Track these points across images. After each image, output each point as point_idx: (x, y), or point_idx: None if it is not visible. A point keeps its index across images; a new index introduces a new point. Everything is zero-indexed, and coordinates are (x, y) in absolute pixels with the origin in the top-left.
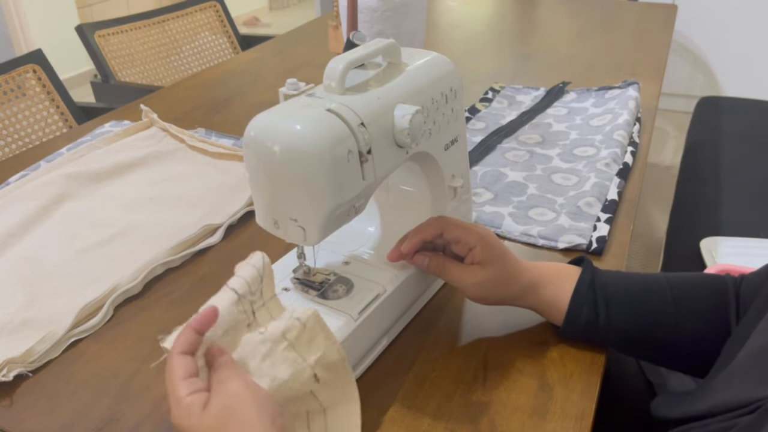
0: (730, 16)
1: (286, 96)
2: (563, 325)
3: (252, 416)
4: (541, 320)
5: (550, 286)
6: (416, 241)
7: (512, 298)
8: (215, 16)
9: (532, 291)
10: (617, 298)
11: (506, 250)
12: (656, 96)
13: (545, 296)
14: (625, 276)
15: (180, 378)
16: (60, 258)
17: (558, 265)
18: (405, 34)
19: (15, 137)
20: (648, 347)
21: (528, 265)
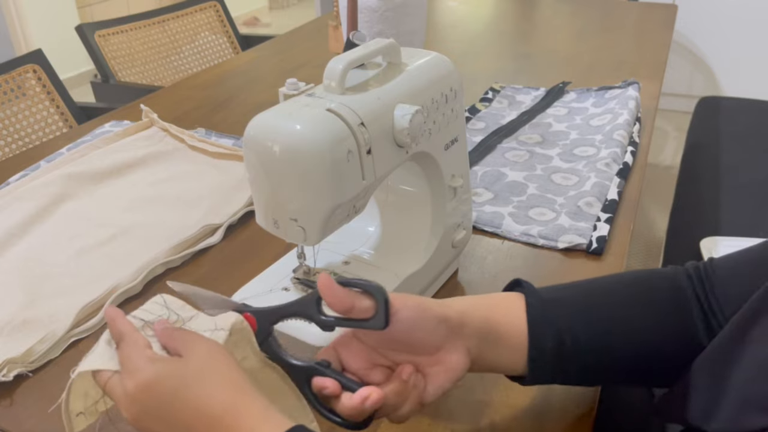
0: (730, 16)
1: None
2: (529, 361)
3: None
4: None
5: (492, 319)
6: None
7: (435, 344)
8: (215, 16)
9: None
10: (575, 313)
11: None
12: (656, 96)
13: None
14: (567, 288)
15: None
16: (60, 258)
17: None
18: (405, 34)
19: (15, 137)
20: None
21: (448, 302)
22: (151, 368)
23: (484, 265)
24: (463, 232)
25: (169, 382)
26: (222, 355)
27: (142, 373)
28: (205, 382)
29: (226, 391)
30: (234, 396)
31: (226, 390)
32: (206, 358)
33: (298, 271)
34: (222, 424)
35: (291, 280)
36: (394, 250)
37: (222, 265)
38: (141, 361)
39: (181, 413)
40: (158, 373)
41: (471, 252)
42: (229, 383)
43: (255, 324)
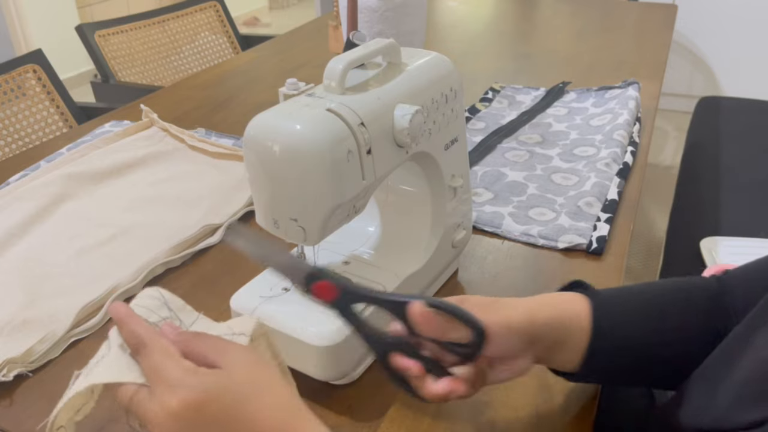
0: (730, 16)
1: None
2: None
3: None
4: None
5: (559, 335)
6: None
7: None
8: (215, 16)
9: (539, 338)
10: (633, 319)
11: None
12: (656, 96)
13: (555, 346)
14: (622, 296)
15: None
16: (60, 258)
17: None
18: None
19: (15, 137)
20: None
21: (511, 313)
22: (199, 383)
23: (484, 265)
24: (463, 232)
25: (224, 398)
26: (263, 365)
27: (189, 389)
28: (258, 397)
29: (281, 410)
30: (290, 414)
31: (281, 407)
32: (251, 370)
33: None
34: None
35: None
36: (394, 250)
37: (222, 265)
38: (182, 373)
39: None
40: (209, 390)
41: (471, 252)
42: (282, 399)
43: (335, 292)
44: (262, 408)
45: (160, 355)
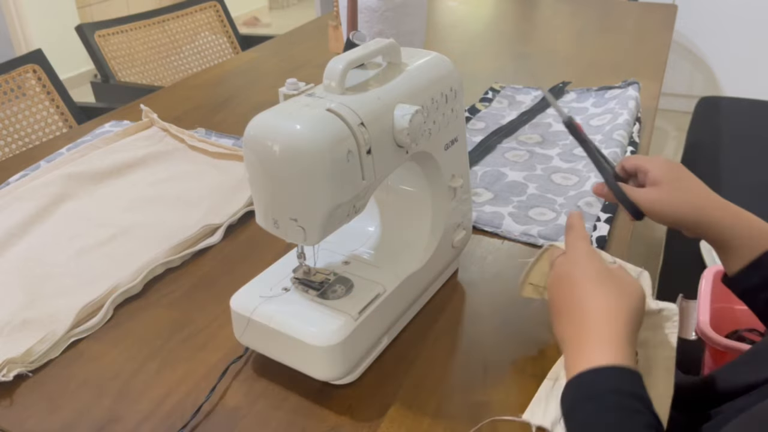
0: (730, 16)
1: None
2: (735, 277)
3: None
4: (541, 321)
5: (738, 230)
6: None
7: (686, 225)
8: (215, 16)
9: (715, 226)
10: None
11: (684, 175)
12: (656, 96)
13: (732, 239)
14: None
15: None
16: (60, 258)
17: (751, 222)
18: (405, 34)
19: (15, 137)
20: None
21: (719, 207)
22: (583, 249)
23: (484, 265)
24: (463, 232)
25: (588, 271)
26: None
27: (575, 251)
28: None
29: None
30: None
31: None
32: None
33: (298, 271)
34: (601, 327)
35: (291, 280)
36: (394, 250)
37: (222, 265)
38: (580, 243)
39: (584, 297)
40: (578, 260)
41: (471, 252)
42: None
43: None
44: (601, 308)
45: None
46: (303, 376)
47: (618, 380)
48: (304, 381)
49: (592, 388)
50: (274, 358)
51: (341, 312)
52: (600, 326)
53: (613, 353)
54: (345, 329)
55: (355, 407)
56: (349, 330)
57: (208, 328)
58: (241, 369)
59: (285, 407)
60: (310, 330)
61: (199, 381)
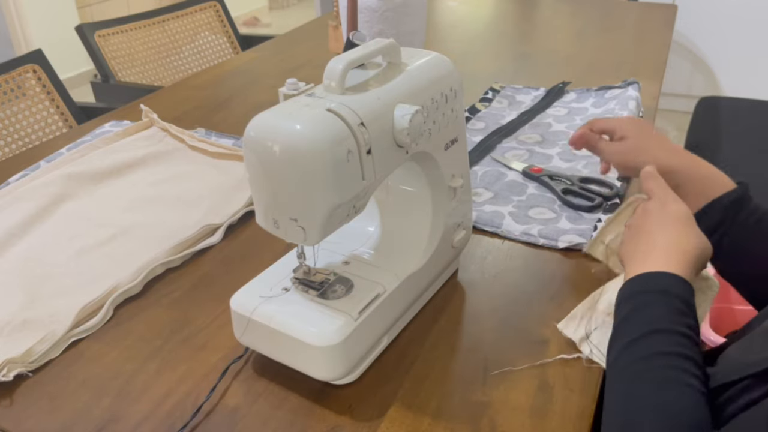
0: (730, 16)
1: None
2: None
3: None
4: (541, 320)
5: (694, 176)
6: (582, 132)
7: (658, 160)
8: (215, 16)
9: (673, 171)
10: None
11: (647, 129)
12: (656, 96)
13: (694, 183)
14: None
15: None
16: (60, 258)
17: (712, 168)
18: (405, 34)
19: (15, 137)
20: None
21: (677, 154)
22: (670, 195)
23: (484, 265)
24: (463, 232)
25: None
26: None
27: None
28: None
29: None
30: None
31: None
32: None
33: (298, 271)
34: (669, 250)
35: (291, 280)
36: (394, 250)
37: (222, 265)
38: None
39: (657, 228)
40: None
41: (471, 252)
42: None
43: None
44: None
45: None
46: (303, 376)
47: (673, 283)
48: (304, 381)
49: (649, 283)
50: (274, 358)
51: (341, 312)
52: (667, 250)
53: (674, 267)
54: (345, 329)
55: (355, 407)
56: (349, 330)
57: (208, 328)
58: (241, 369)
59: (285, 407)
60: (310, 330)
61: (199, 381)
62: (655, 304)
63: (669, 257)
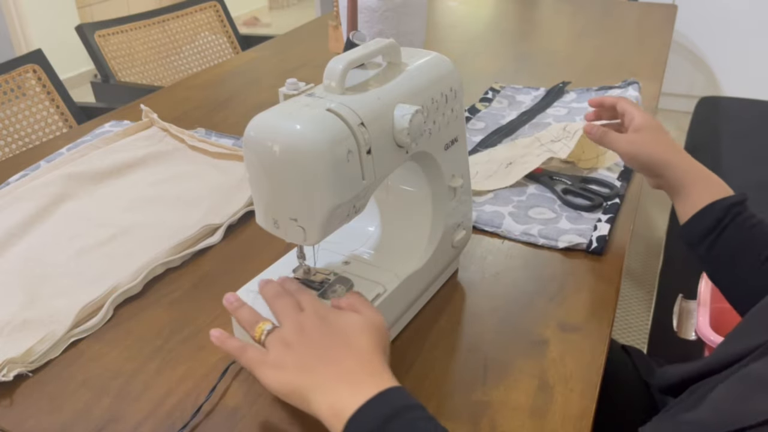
0: (730, 16)
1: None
2: (688, 221)
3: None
4: (541, 320)
5: (700, 179)
6: (598, 100)
7: (657, 164)
8: (215, 16)
9: (681, 170)
10: (740, 231)
11: (661, 128)
12: (656, 96)
13: (692, 187)
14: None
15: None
16: (60, 258)
17: (713, 177)
18: (405, 34)
19: (15, 137)
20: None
21: (685, 155)
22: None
23: (484, 265)
24: (463, 232)
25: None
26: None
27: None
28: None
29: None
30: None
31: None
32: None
33: (298, 271)
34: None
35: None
36: (394, 250)
37: (222, 265)
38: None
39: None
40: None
41: (471, 252)
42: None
43: None
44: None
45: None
46: None
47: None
48: None
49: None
50: None
51: None
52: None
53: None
54: None
55: None
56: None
57: (208, 328)
58: (241, 369)
59: (285, 407)
60: None
61: (199, 381)
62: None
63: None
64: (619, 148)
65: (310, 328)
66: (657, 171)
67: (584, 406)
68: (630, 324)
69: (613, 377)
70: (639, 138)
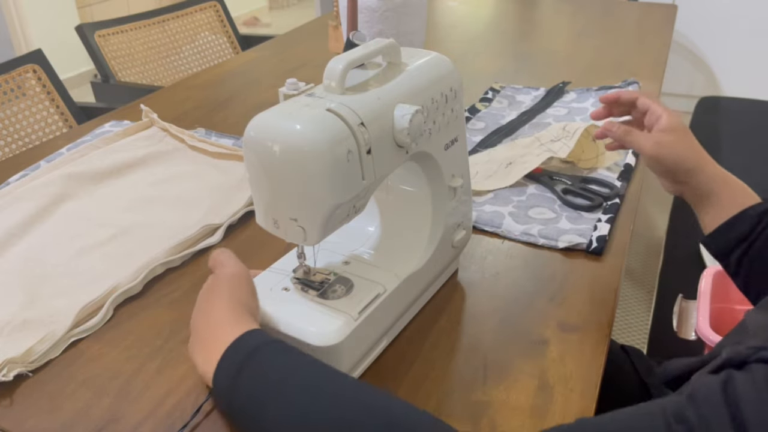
0: (730, 16)
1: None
2: (717, 229)
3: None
4: (541, 320)
5: (728, 185)
6: (613, 96)
7: (684, 169)
8: (215, 16)
9: (707, 176)
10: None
11: (689, 131)
12: (656, 96)
13: (721, 194)
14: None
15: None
16: (60, 258)
17: (739, 183)
18: (405, 34)
19: (15, 137)
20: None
21: (712, 161)
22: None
23: (484, 265)
24: (463, 232)
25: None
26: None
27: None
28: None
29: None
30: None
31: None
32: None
33: (298, 271)
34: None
35: (291, 280)
36: (394, 250)
37: None
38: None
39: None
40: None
41: (471, 252)
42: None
43: None
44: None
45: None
46: None
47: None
48: None
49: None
50: None
51: (341, 312)
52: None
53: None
54: (345, 329)
55: None
56: (349, 330)
57: None
58: None
59: None
60: (310, 330)
61: (199, 381)
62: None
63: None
64: (644, 149)
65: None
66: (682, 177)
67: (584, 406)
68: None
69: (612, 377)
70: (667, 139)
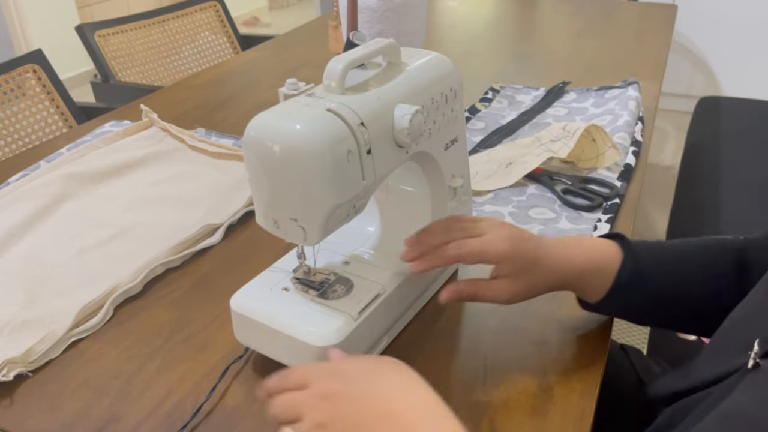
0: (730, 16)
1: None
2: (598, 304)
3: None
4: (541, 320)
5: (590, 278)
6: (419, 250)
7: (548, 290)
8: (215, 16)
9: (570, 284)
10: (652, 285)
11: (534, 252)
12: (656, 96)
13: (584, 286)
14: (657, 256)
15: None
16: (60, 258)
17: (595, 252)
18: (405, 34)
19: (15, 137)
20: (667, 318)
21: (561, 258)
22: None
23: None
24: None
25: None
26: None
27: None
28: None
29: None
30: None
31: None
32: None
33: (298, 271)
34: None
35: (291, 280)
36: (394, 250)
37: (222, 265)
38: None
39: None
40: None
41: None
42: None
43: None
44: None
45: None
46: None
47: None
48: None
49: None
50: (274, 358)
51: (341, 312)
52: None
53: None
54: (345, 329)
55: None
56: (349, 330)
57: (208, 328)
58: (241, 369)
59: None
60: (310, 330)
61: (199, 381)
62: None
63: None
64: (499, 296)
65: (331, 414)
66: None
67: (584, 406)
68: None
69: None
70: (518, 289)
